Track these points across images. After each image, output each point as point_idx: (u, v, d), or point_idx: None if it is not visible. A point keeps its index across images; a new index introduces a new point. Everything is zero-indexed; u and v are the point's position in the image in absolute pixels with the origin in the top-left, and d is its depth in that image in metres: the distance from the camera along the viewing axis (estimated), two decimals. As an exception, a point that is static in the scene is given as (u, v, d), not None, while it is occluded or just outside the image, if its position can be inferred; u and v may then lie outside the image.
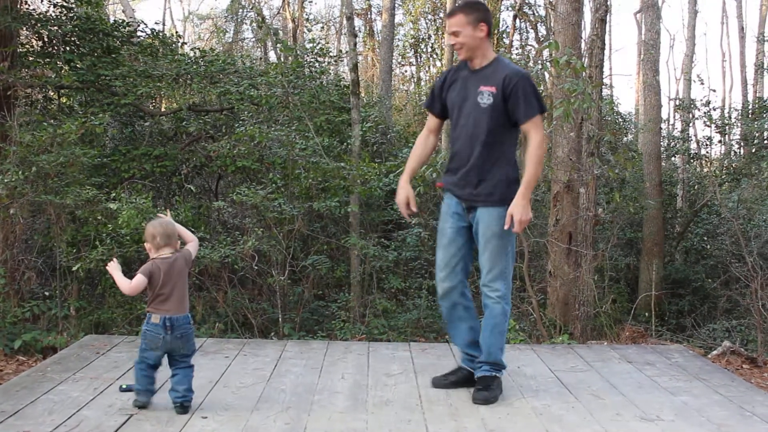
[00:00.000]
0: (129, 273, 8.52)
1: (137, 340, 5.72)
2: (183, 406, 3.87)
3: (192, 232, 7.76)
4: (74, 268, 7.08)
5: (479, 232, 4.22)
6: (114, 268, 3.99)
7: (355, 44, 9.71)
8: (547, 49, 7.77)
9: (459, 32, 4.12)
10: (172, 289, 3.87)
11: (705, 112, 13.10)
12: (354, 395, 4.31)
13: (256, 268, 7.89)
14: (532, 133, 4.10)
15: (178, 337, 3.85)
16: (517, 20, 18.90)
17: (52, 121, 8.64)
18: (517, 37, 19.90)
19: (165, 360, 3.94)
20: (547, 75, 9.01)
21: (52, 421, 3.70)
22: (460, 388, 4.44)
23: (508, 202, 4.12)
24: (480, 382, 4.27)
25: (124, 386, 4.28)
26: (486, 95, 4.12)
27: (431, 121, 4.52)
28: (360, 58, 21.98)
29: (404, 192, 4.47)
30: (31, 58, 9.78)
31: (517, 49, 19.25)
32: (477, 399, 4.17)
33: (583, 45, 8.90)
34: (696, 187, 14.39)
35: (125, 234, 7.26)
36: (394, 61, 19.70)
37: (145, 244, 4.01)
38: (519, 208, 4.06)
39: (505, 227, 4.10)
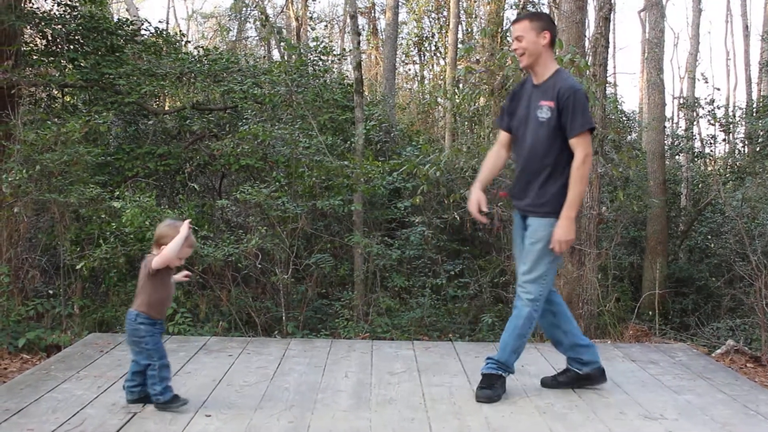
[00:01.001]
0: (133, 271, 8.56)
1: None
2: (153, 402, 3.92)
3: (195, 230, 7.81)
4: (78, 267, 7.09)
5: (526, 236, 4.29)
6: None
7: (358, 43, 9.71)
8: (551, 48, 7.73)
9: (522, 37, 4.21)
10: None
11: (709, 111, 13.07)
12: (357, 394, 4.31)
13: (259, 266, 7.89)
14: (576, 149, 4.14)
15: (126, 332, 3.95)
16: (521, 18, 18.86)
17: (56, 119, 8.65)
18: (520, 35, 19.87)
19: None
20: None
21: (56, 420, 3.71)
22: (567, 388, 4.51)
23: (558, 214, 4.18)
24: (484, 379, 4.29)
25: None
26: (545, 110, 4.19)
27: (502, 135, 4.58)
28: (363, 56, 21.98)
29: (475, 196, 4.44)
30: (35, 57, 9.79)
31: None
32: (480, 396, 4.19)
33: (586, 43, 8.88)
34: (700, 185, 14.35)
35: (129, 232, 7.27)
36: (397, 59, 19.67)
37: None
38: (560, 229, 4.14)
39: (549, 246, 4.17)
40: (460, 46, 16.29)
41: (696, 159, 14.82)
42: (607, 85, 8.75)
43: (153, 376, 3.87)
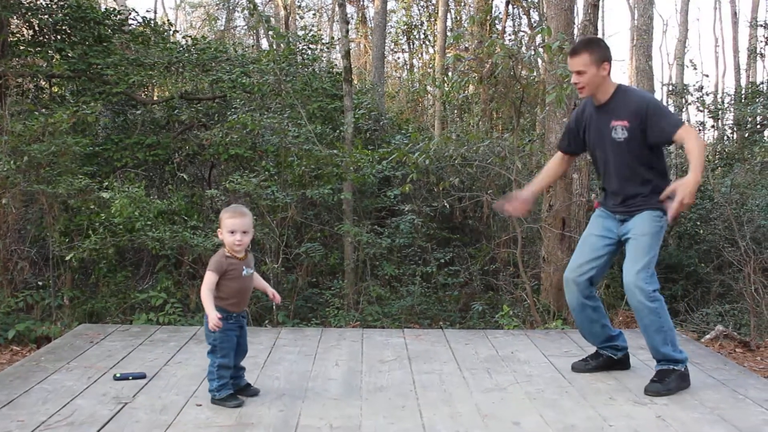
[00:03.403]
0: (122, 262, 8.51)
1: (131, 329, 5.73)
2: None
3: (185, 220, 7.80)
4: (67, 258, 7.07)
5: (630, 232, 4.26)
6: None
7: (347, 31, 9.68)
8: (540, 35, 7.74)
9: (584, 72, 4.19)
10: None
11: (698, 98, 13.10)
12: (348, 382, 4.32)
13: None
14: (685, 136, 4.06)
15: None
16: (510, 6, 18.85)
17: (43, 110, 8.59)
18: (509, 23, 19.87)
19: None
20: (539, 61, 9.00)
21: (46, 411, 3.70)
22: (602, 371, 4.57)
23: (661, 206, 4.18)
24: (656, 375, 4.28)
25: (117, 375, 4.30)
26: (620, 129, 4.19)
27: (559, 153, 4.68)
28: (352, 45, 21.91)
29: (524, 196, 4.58)
30: (22, 47, 9.72)
31: (509, 35, 19.20)
32: (649, 390, 4.17)
33: (575, 30, 8.89)
34: (689, 172, 14.37)
35: (118, 223, 7.24)
36: (386, 47, 19.63)
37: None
38: (686, 188, 3.92)
39: (661, 196, 4.12)
40: (449, 34, 16.26)
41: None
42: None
43: (212, 372, 3.87)
